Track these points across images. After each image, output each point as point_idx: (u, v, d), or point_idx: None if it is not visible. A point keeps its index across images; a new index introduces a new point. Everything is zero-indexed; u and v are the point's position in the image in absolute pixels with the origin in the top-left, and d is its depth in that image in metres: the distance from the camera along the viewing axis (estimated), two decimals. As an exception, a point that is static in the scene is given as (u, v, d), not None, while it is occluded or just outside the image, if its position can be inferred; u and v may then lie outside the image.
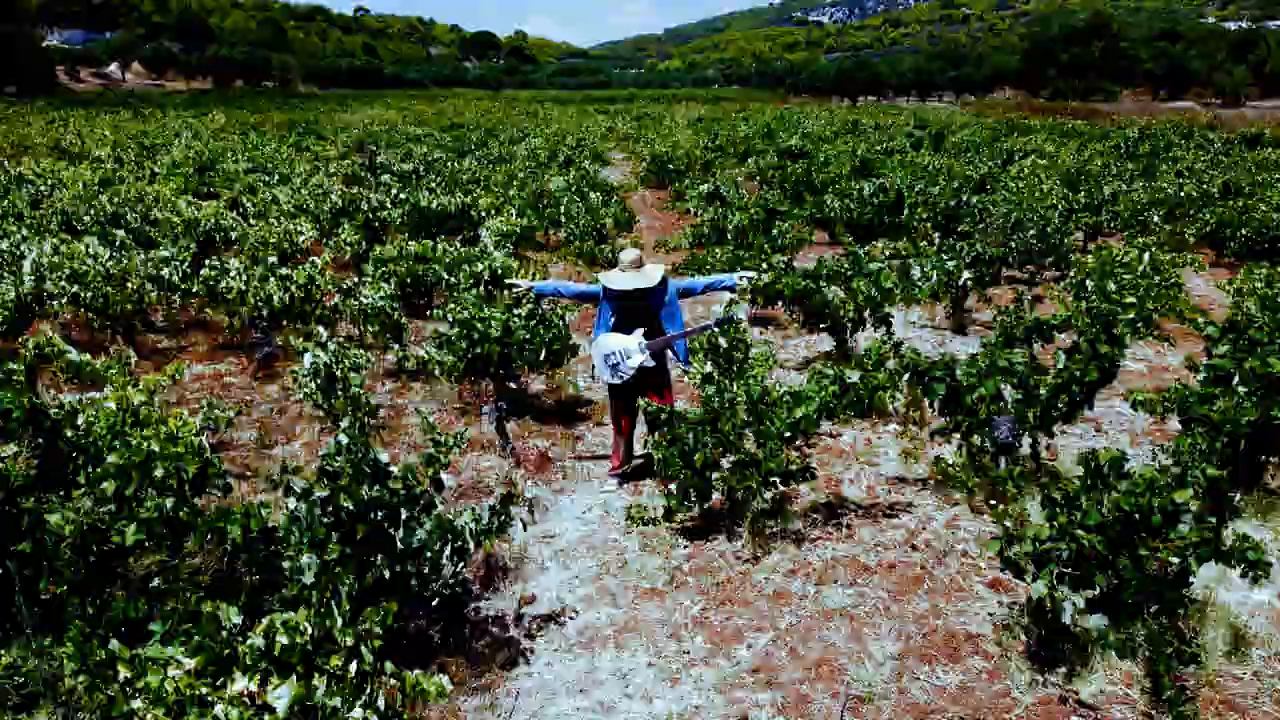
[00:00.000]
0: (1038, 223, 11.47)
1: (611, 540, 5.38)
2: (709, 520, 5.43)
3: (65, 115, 44.56)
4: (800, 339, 9.69)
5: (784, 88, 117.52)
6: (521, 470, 6.33)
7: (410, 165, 20.27)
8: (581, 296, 5.96)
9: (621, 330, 5.67)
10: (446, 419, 7.31)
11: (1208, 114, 48.88)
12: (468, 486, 6.05)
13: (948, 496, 5.76)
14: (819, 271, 8.11)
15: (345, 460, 3.88)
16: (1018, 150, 24.22)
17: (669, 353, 5.91)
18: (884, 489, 5.99)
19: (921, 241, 11.28)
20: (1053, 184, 15.67)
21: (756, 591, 4.74)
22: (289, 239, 11.26)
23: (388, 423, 7.22)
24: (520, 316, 6.94)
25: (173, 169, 19.63)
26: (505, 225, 12.15)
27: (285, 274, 8.79)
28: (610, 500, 5.92)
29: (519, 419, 7.25)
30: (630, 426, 5.98)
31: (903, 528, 5.43)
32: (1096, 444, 6.75)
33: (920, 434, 6.86)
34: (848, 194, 14.30)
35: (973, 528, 5.38)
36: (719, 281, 5.82)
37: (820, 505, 5.72)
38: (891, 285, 7.80)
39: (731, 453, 5.00)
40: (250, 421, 7.19)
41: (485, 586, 4.84)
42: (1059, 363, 5.40)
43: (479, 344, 6.85)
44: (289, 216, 12.62)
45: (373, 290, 8.07)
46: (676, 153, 22.50)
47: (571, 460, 6.56)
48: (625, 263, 5.62)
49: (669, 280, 5.80)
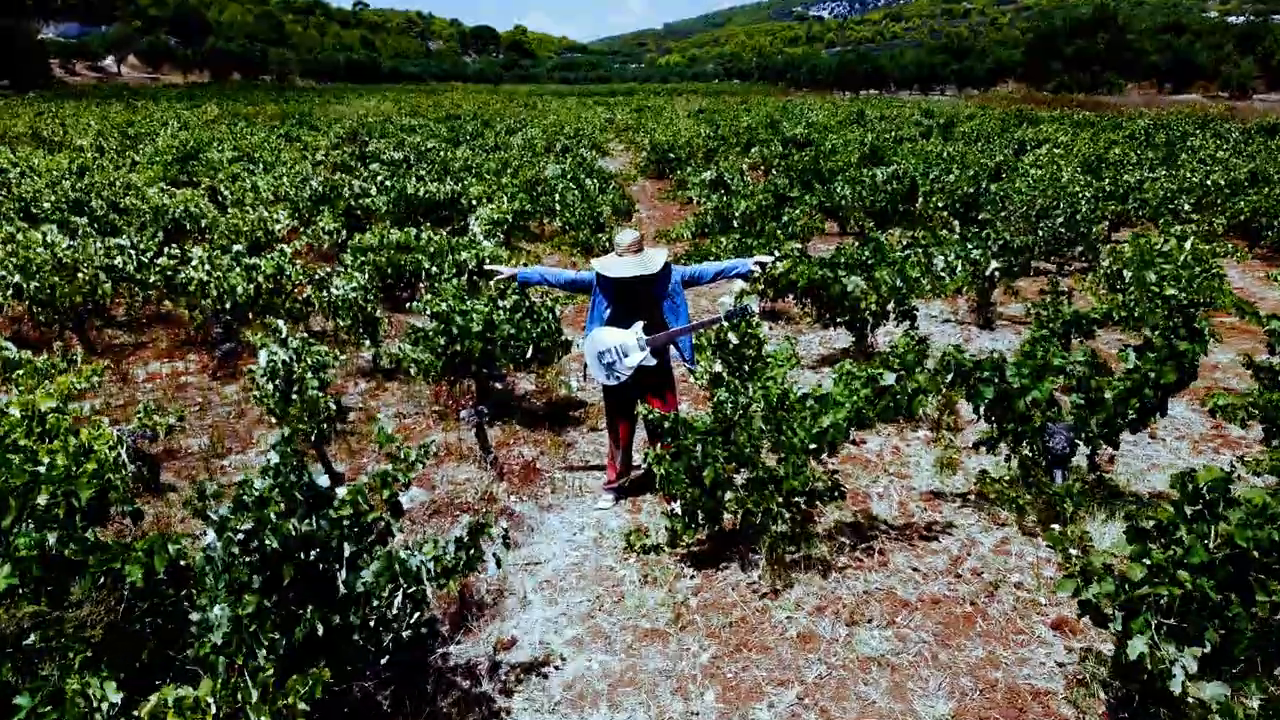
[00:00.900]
0: (1065, 210, 10.71)
1: (606, 568, 4.63)
2: (719, 544, 4.68)
3: (56, 107, 43.77)
4: (814, 335, 8.93)
5: (785, 81, 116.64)
6: (504, 482, 5.58)
7: (401, 154, 19.49)
8: (572, 285, 5.19)
9: (618, 324, 4.92)
10: (423, 424, 6.56)
11: (1220, 105, 48.08)
12: (442, 502, 5.30)
13: (993, 515, 5.01)
14: (837, 260, 7.35)
15: (273, 484, 3.13)
16: (1029, 140, 23.46)
17: (672, 350, 5.16)
18: (918, 506, 5.24)
19: (941, 230, 10.51)
20: (1073, 171, 14.90)
21: (777, 634, 3.99)
22: (263, 227, 10.50)
23: (358, 428, 6.47)
24: (505, 309, 6.19)
25: (154, 157, 18.86)
26: (496, 213, 11.39)
27: (252, 263, 8.04)
28: (605, 519, 5.17)
29: (504, 423, 6.50)
30: (628, 434, 5.23)
31: (944, 553, 4.68)
32: (1152, 453, 6.00)
33: (954, 441, 6.11)
34: (859, 181, 13.53)
35: (1027, 553, 4.63)
36: (731, 268, 5.05)
37: (846, 525, 4.97)
38: (918, 275, 7.05)
39: (747, 468, 4.25)
40: (204, 426, 6.45)
41: (456, 627, 4.09)
42: (1127, 362, 4.65)
43: (458, 340, 6.10)
44: (267, 204, 11.85)
45: (344, 280, 7.31)
46: (678, 141, 21.71)
47: (561, 471, 5.81)
48: (622, 246, 4.87)
49: (672, 267, 5.04)
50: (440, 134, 28.40)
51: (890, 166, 14.17)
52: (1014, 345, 8.56)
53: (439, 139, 25.96)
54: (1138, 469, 5.71)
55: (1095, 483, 5.10)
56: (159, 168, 16.46)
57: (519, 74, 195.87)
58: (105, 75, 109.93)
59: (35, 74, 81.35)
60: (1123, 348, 4.75)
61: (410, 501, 5.28)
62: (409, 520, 5.08)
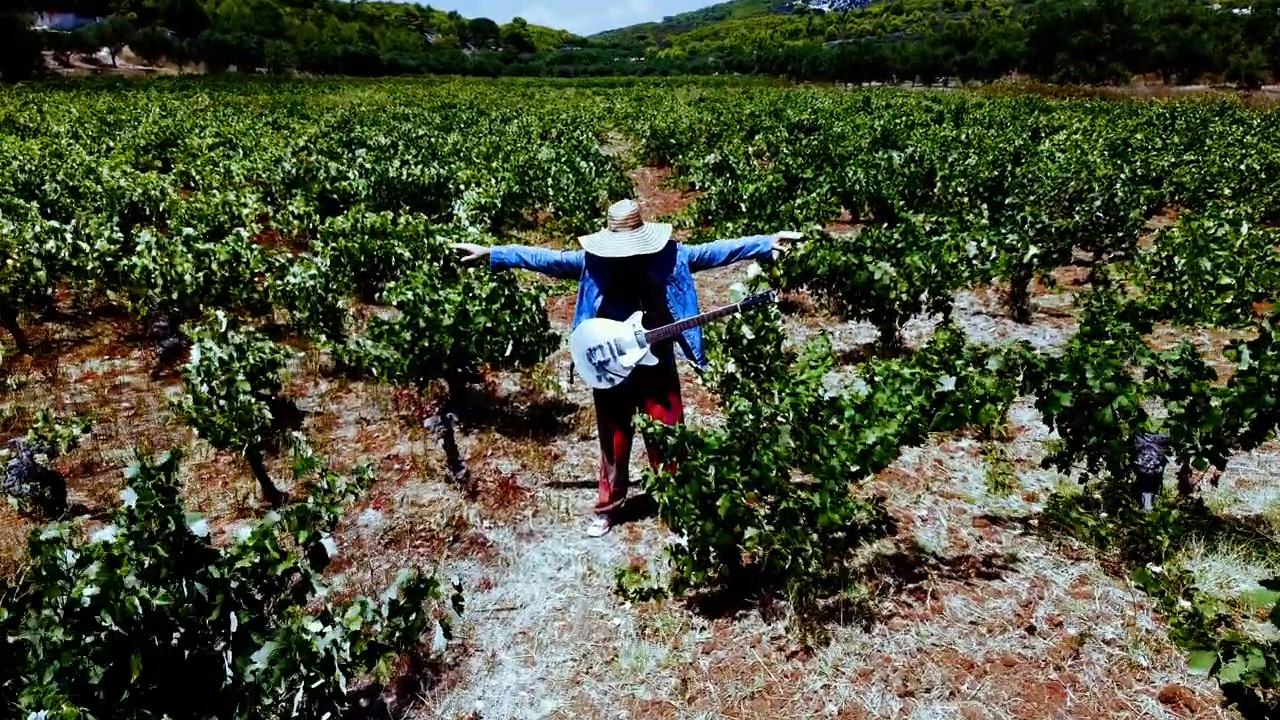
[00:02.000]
0: (1102, 193, 9.82)
1: (596, 615, 3.76)
2: (736, 585, 3.82)
3: (44, 97, 42.79)
4: (832, 328, 8.05)
5: (786, 74, 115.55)
6: (477, 503, 4.71)
7: (389, 139, 18.58)
8: (557, 268, 4.30)
9: (612, 315, 4.06)
10: (388, 431, 5.69)
11: (1237, 94, 47.11)
12: (401, 529, 4.43)
13: (1064, 545, 4.15)
14: (862, 244, 6.47)
15: (126, 535, 2.27)
16: (1043, 127, 22.53)
17: (677, 347, 4.29)
18: (972, 533, 4.38)
19: (968, 215, 9.63)
20: (1100, 154, 14.02)
21: (813, 709, 3.13)
22: (228, 211, 9.61)
23: (314, 436, 5.60)
24: (481, 299, 5.32)
25: (131, 143, 17.96)
26: (484, 197, 10.51)
27: (204, 249, 7.17)
28: (596, 549, 4.30)
29: (481, 430, 5.63)
30: (624, 446, 4.36)
31: (1010, 595, 3.81)
32: (1242, 469, 5.13)
33: (1005, 453, 5.24)
34: (873, 165, 12.63)
35: (1113, 595, 3.77)
36: (749, 246, 4.16)
37: (888, 559, 4.10)
38: (955, 261, 6.17)
39: (773, 496, 3.38)
40: (135, 434, 5.58)
41: (404, 697, 3.23)
42: (1238, 362, 3.77)
43: (427, 334, 5.23)
44: (237, 188, 10.96)
45: (302, 268, 6.44)
46: (679, 127, 20.78)
47: (546, 489, 4.94)
48: (617, 220, 3.99)
49: (678, 247, 4.16)
50: (433, 122, 27.48)
51: (906, 149, 13.26)
52: (1055, 340, 7.69)
53: (431, 126, 25.04)
54: (1224, 485, 4.84)
55: (1190, 506, 4.24)
56: (130, 152, 15.54)
57: (518, 67, 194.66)
58: (100, 67, 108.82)
59: (26, 65, 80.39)
60: (1229, 345, 3.88)
61: (350, 534, 4.42)
62: (359, 550, 4.22)
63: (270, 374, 5.50)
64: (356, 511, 4.60)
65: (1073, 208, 9.74)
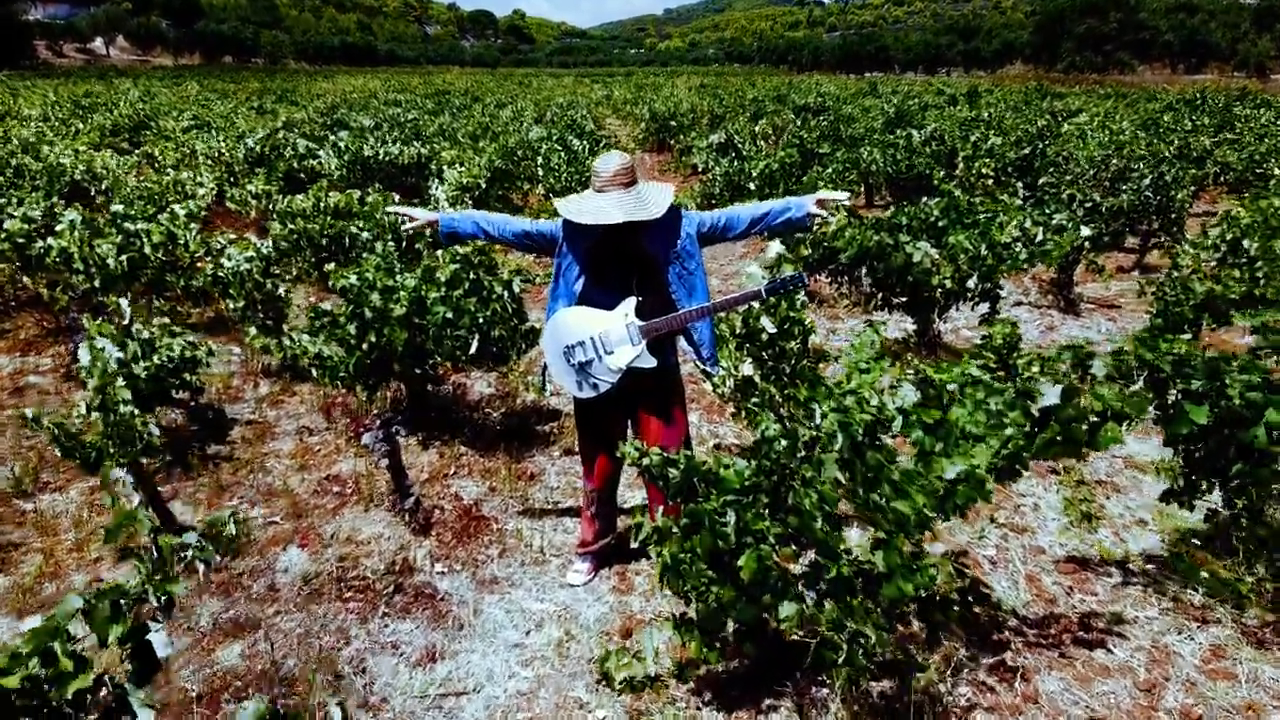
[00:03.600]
0: (1149, 171, 8.84)
1: (574, 705, 2.81)
2: (761, 664, 2.87)
3: (23, 84, 41.71)
4: (854, 320, 7.10)
5: (787, 64, 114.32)
6: (430, 539, 3.75)
7: (374, 121, 17.59)
8: (527, 240, 3.33)
9: (598, 302, 3.10)
10: (332, 443, 4.73)
11: (1247, 82, 46.06)
12: (328, 576, 3.47)
13: (1183, 603, 3.20)
14: (897, 221, 5.50)
15: None
16: (1060, 111, 21.51)
17: (681, 343, 3.33)
18: (1056, 581, 3.43)
19: (1001, 194, 8.66)
20: (1134, 133, 13.04)
21: None
22: (180, 190, 8.64)
23: (240, 451, 4.65)
24: (440, 284, 4.36)
25: (98, 125, 16.97)
26: (465, 177, 9.53)
27: (133, 230, 6.21)
28: (576, 604, 3.35)
29: (443, 443, 4.67)
30: (612, 472, 3.40)
31: (1124, 675, 2.87)
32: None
33: (1085, 474, 4.29)
34: (891, 144, 11.65)
35: (1263, 676, 2.83)
36: (777, 211, 3.18)
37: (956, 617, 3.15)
38: (1010, 241, 5.21)
39: (813, 550, 2.43)
40: (23, 449, 4.62)
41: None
42: None
43: (373, 327, 4.28)
44: (193, 167, 10.00)
45: (239, 250, 5.48)
46: (680, 110, 19.74)
47: (517, 518, 3.99)
48: (604, 176, 3.02)
49: (685, 214, 3.20)
50: (425, 107, 26.44)
51: (925, 128, 12.28)
52: (1112, 334, 6.74)
53: (422, 111, 24.04)
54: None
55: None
56: (95, 134, 14.56)
57: (517, 58, 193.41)
58: (94, 57, 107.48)
59: (19, 55, 79.26)
60: None
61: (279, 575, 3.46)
62: (271, 605, 3.27)
63: (189, 375, 4.55)
64: (276, 550, 3.65)
65: (1114, 188, 8.77)
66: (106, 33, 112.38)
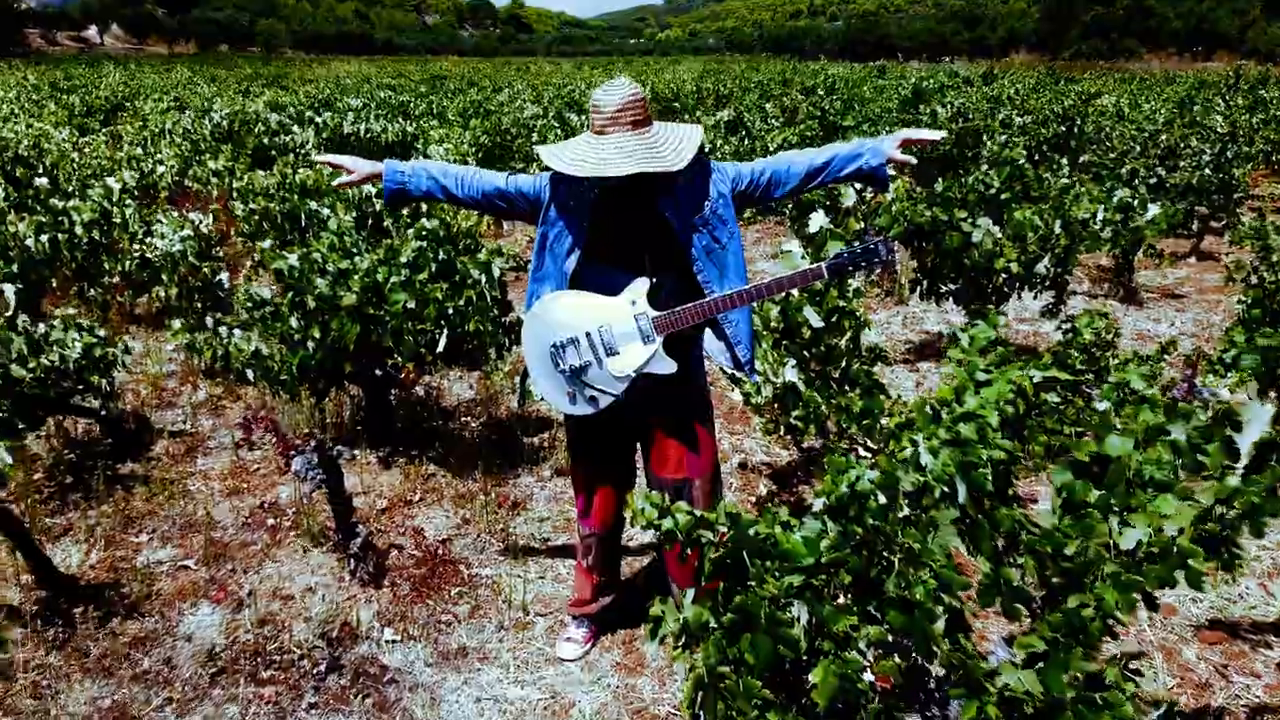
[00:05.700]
0: (1209, 146, 7.99)
1: None
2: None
3: (11, 69, 40.75)
4: (887, 312, 6.27)
5: (790, 53, 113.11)
6: (383, 592, 2.92)
7: (362, 102, 16.71)
8: (501, 200, 2.47)
9: (597, 285, 2.26)
10: (272, 461, 3.89)
11: (1270, 69, 45.10)
12: (245, 647, 2.64)
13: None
14: (951, 194, 4.65)
15: None
16: (1079, 94, 20.63)
17: (709, 340, 2.48)
18: (1200, 655, 2.60)
19: (1044, 172, 7.81)
20: (1170, 111, 12.18)
21: None
22: (135, 165, 7.79)
23: (162, 470, 3.81)
24: (401, 267, 3.51)
25: (69, 104, 16.11)
26: (452, 155, 8.68)
27: (60, 208, 5.37)
28: (568, 687, 2.52)
29: (410, 459, 3.83)
30: (614, 510, 2.56)
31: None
32: None
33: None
34: (915, 121, 10.79)
35: None
36: (844, 159, 2.28)
37: None
38: (1088, 217, 4.36)
39: (925, 660, 1.59)
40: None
41: None
42: None
43: (318, 319, 3.43)
44: (153, 138, 9.14)
45: (172, 227, 4.63)
46: (683, 90, 18.86)
47: (494, 561, 3.15)
48: (606, 112, 2.18)
49: (714, 164, 2.35)
50: (419, 91, 25.51)
51: (956, 103, 11.42)
52: (1186, 328, 5.90)
53: (415, 94, 23.13)
54: None
55: None
56: (63, 113, 13.70)
57: (516, 48, 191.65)
58: (87, 45, 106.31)
59: (9, 41, 78.25)
60: None
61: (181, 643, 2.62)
62: (161, 689, 2.43)
63: (97, 378, 3.72)
64: (182, 606, 2.82)
65: (1165, 163, 7.91)
66: (101, 20, 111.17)
